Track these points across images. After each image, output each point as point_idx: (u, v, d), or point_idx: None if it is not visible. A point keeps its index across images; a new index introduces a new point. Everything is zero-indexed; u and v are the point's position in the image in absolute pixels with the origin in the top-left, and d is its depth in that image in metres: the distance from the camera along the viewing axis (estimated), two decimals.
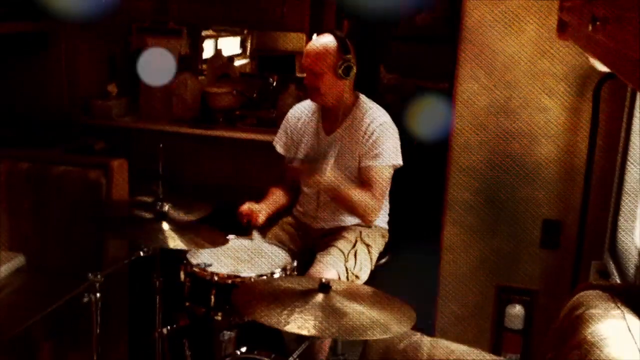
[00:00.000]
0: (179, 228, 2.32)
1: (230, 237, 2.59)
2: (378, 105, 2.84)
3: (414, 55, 6.32)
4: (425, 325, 3.07)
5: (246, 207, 2.73)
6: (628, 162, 2.55)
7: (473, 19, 2.89)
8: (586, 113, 2.81)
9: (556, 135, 2.88)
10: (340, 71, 2.69)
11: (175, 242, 2.22)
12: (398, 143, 2.77)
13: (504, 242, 3.00)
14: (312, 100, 2.83)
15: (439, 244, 3.13)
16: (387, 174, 2.72)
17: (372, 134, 2.72)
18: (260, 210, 2.74)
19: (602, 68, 1.96)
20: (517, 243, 2.98)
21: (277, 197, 2.91)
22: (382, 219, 2.91)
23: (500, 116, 2.93)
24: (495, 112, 2.93)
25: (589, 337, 1.61)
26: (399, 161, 2.75)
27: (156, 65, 3.50)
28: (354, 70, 2.72)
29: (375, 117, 2.77)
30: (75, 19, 3.77)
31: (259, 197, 2.88)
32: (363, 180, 2.69)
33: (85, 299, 2.11)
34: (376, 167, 2.69)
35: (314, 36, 2.91)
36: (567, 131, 2.87)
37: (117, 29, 4.28)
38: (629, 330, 1.59)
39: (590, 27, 1.08)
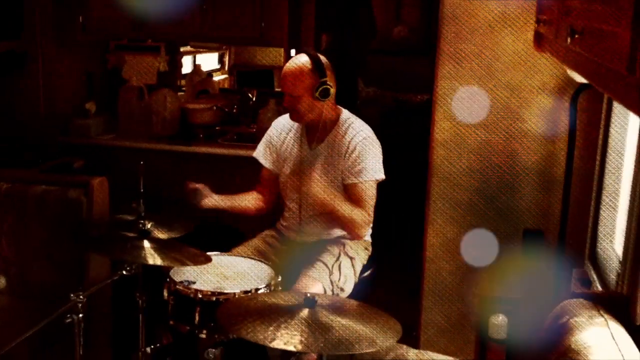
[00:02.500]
0: (161, 246, 2.31)
1: (214, 254, 2.57)
2: (360, 120, 2.85)
3: (392, 68, 6.36)
4: (410, 337, 3.08)
5: (194, 185, 2.72)
6: (606, 171, 2.58)
7: (450, 32, 2.93)
8: (564, 123, 2.85)
9: (535, 146, 2.92)
10: (317, 94, 2.69)
11: (157, 260, 2.21)
12: (380, 157, 2.78)
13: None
14: (293, 120, 2.83)
15: (422, 255, 3.15)
16: (373, 188, 2.73)
17: (355, 149, 2.72)
18: (208, 195, 2.73)
19: (580, 79, 2.00)
20: (499, 253, 3.00)
21: (243, 198, 2.88)
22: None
23: (480, 128, 2.96)
24: (474, 124, 2.96)
25: (573, 345, 1.63)
26: (381, 175, 2.75)
27: None
28: (332, 90, 2.72)
29: (358, 132, 2.77)
30: (51, 37, 3.77)
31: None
32: (350, 197, 2.69)
33: (68, 320, 2.08)
34: (362, 184, 2.69)
35: (294, 53, 2.90)
36: (546, 141, 2.91)
37: (94, 47, 4.27)
38: (613, 338, 1.61)
39: (568, 40, 1.10)
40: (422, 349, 3.14)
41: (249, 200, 2.91)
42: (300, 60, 2.72)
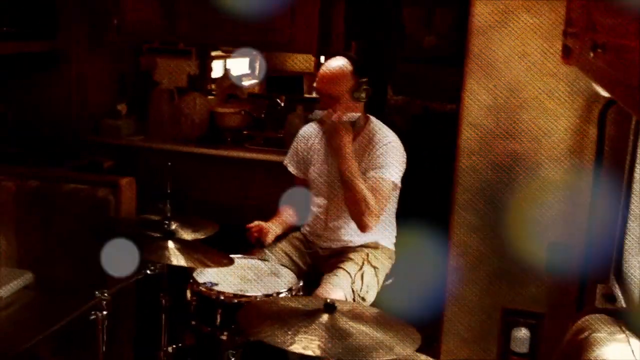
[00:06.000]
0: (186, 247, 2.34)
1: (237, 256, 2.60)
2: (387, 127, 2.87)
3: (422, 77, 6.36)
4: (431, 347, 3.07)
5: (255, 224, 2.75)
6: (634, 185, 2.55)
7: (479, 42, 2.92)
8: (592, 135, 2.82)
9: (562, 158, 2.89)
10: (356, 94, 2.70)
11: (181, 260, 2.24)
12: (402, 164, 2.78)
13: (510, 265, 3.00)
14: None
15: (445, 265, 3.14)
16: (389, 187, 2.72)
17: (379, 149, 2.74)
18: (270, 228, 2.76)
19: (605, 93, 1.98)
20: (523, 265, 2.98)
21: (286, 217, 2.92)
22: (389, 240, 2.92)
23: (506, 138, 2.95)
24: (501, 134, 2.95)
25: None
26: (398, 180, 2.76)
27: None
28: (370, 92, 2.74)
29: (384, 137, 2.79)
30: (86, 38, 3.84)
31: (266, 217, 2.89)
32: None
33: (92, 317, 2.12)
34: (379, 177, 2.69)
35: (323, 59, 2.92)
36: (573, 154, 2.89)
37: (127, 49, 4.33)
38: (633, 355, 1.60)
39: (591, 54, 1.10)
40: (442, 359, 3.12)
41: (292, 216, 2.95)
42: (339, 61, 2.74)
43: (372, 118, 2.87)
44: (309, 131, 2.98)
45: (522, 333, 2.98)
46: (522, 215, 2.97)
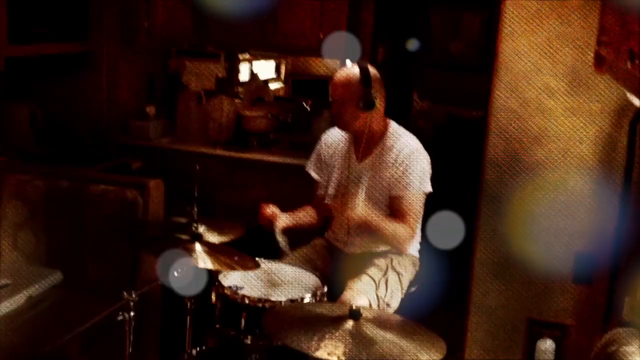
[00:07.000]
0: (212, 250, 2.36)
1: (262, 260, 2.61)
2: (409, 132, 2.85)
3: (448, 83, 6.33)
4: (454, 356, 3.05)
5: (269, 209, 2.75)
6: None
7: (508, 48, 2.91)
8: (622, 146, 2.79)
9: (591, 167, 2.87)
10: (361, 104, 2.70)
11: (207, 263, 2.26)
12: (428, 170, 2.77)
13: (536, 275, 2.97)
14: (338, 127, 2.87)
15: (470, 273, 3.12)
16: (419, 202, 2.73)
17: (403, 162, 2.73)
18: (282, 216, 2.76)
19: (638, 103, 1.96)
20: (549, 276, 2.95)
21: (305, 214, 2.92)
22: (413, 247, 2.91)
23: (534, 147, 2.92)
24: (529, 142, 2.93)
25: None
26: (428, 188, 2.75)
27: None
28: (377, 102, 2.71)
29: (405, 145, 2.77)
30: (117, 41, 3.88)
31: None
32: (395, 209, 2.70)
33: (120, 317, 2.14)
34: (407, 197, 2.69)
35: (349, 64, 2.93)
36: (602, 163, 2.86)
37: (156, 52, 4.38)
38: None
39: (628, 64, 1.09)
40: None
41: (312, 215, 2.95)
42: (349, 70, 2.76)
43: (392, 124, 2.85)
44: (331, 136, 2.98)
45: (547, 344, 2.95)
46: (549, 225, 2.94)
